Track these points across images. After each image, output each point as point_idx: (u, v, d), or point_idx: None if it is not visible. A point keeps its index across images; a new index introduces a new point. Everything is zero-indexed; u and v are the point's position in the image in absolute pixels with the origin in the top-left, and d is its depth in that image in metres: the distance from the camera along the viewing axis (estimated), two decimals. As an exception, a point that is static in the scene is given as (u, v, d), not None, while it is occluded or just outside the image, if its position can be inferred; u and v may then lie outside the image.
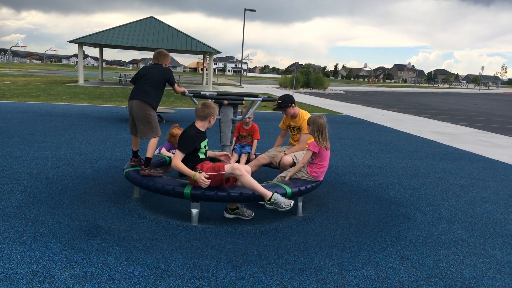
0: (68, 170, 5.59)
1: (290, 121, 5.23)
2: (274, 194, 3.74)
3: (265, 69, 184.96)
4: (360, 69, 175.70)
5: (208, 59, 32.31)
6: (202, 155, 4.03)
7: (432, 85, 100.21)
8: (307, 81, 39.24)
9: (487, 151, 9.12)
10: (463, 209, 4.86)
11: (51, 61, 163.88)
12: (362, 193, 5.28)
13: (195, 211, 3.92)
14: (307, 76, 39.68)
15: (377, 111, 18.52)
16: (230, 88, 33.57)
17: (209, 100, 4.57)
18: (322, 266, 3.21)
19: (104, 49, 32.86)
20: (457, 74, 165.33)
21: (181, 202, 4.37)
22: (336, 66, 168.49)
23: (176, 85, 4.66)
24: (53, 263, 2.99)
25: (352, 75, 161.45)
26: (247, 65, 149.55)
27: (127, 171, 4.46)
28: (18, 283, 2.70)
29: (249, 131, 5.58)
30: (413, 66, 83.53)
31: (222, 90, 28.33)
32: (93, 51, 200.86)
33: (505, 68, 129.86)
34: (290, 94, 5.32)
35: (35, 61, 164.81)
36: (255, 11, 38.98)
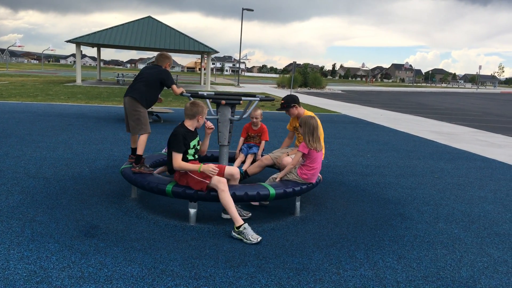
0: (65, 170, 5.58)
1: (296, 122, 5.23)
2: (244, 224, 3.64)
3: (263, 69, 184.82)
4: (358, 69, 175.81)
5: (206, 58, 32.31)
6: (190, 157, 4.02)
7: (429, 85, 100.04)
8: (305, 80, 39.23)
9: (485, 150, 9.14)
10: (461, 209, 4.88)
11: (49, 61, 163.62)
12: (359, 193, 5.29)
13: (193, 211, 3.92)
14: (305, 75, 39.65)
15: (375, 110, 18.54)
16: (228, 87, 33.56)
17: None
18: (320, 265, 3.21)
19: (102, 49, 32.79)
20: (455, 73, 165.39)
21: (179, 202, 4.37)
22: (334, 65, 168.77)
23: (174, 86, 4.66)
24: (50, 263, 2.99)
25: (350, 74, 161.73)
26: (245, 65, 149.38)
27: (123, 168, 4.50)
28: (15, 284, 2.70)
29: (257, 132, 5.53)
30: (410, 65, 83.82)
31: (220, 89, 28.31)
32: (91, 51, 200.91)
33: (502, 67, 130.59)
34: (295, 94, 5.30)
35: (32, 61, 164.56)
36: (253, 10, 38.96)
